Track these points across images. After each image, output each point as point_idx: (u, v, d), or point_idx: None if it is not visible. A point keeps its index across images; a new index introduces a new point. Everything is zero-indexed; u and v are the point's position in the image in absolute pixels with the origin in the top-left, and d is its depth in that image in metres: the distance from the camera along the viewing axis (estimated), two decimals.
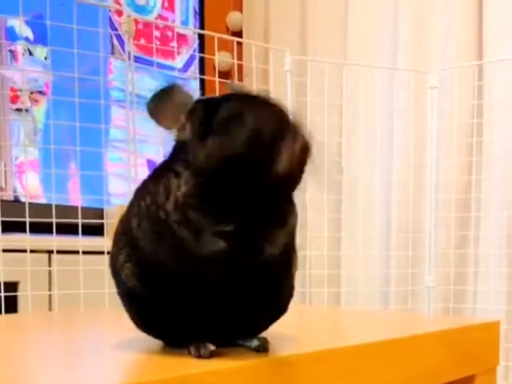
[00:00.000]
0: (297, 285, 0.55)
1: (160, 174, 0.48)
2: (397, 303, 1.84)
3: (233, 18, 2.33)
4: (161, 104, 0.48)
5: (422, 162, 1.78)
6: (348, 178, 1.85)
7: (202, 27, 2.27)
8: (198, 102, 0.48)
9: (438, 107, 1.70)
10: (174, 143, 0.49)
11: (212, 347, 0.48)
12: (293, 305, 0.55)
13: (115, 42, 1.95)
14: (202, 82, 2.13)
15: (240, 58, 1.91)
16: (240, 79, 1.91)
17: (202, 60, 2.18)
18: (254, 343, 0.51)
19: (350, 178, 1.83)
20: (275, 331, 0.56)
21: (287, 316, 0.55)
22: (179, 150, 0.48)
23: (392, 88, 1.92)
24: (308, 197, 1.70)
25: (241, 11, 2.33)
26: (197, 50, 2.24)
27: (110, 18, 1.94)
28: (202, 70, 2.19)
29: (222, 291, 0.48)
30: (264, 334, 0.54)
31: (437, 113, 1.69)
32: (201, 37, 2.22)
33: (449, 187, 1.76)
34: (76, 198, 1.45)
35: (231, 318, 0.50)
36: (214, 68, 1.77)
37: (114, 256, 0.52)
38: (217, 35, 1.51)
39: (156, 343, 0.54)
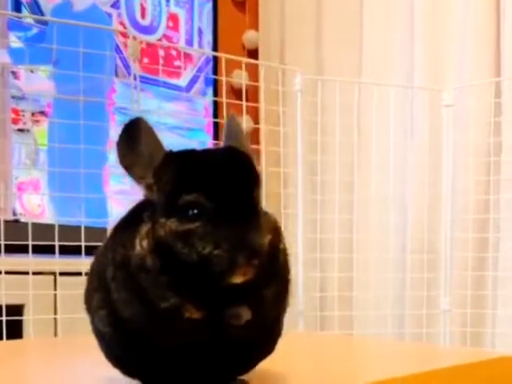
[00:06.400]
0: (308, 308, 0.53)
1: (133, 220, 0.47)
2: (411, 327, 1.79)
3: (249, 36, 2.33)
4: (127, 153, 0.47)
5: (437, 181, 1.74)
6: (361, 198, 1.82)
7: (215, 44, 2.26)
8: (166, 160, 0.46)
9: (455, 125, 1.66)
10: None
11: None
12: (303, 331, 0.52)
13: (118, 61, 1.96)
14: (216, 100, 2.13)
15: (255, 76, 1.90)
16: (253, 99, 1.89)
17: (215, 78, 2.18)
18: None
19: (363, 198, 1.80)
20: (270, 369, 0.53)
21: (290, 349, 0.52)
22: (149, 201, 0.47)
23: (407, 106, 1.89)
24: (319, 217, 1.67)
25: (257, 30, 2.33)
26: (211, 68, 2.24)
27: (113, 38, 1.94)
28: (215, 89, 2.18)
29: (201, 346, 0.46)
30: (254, 374, 0.51)
31: (453, 131, 1.66)
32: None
33: (465, 207, 1.72)
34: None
35: (211, 363, 0.47)
36: (229, 87, 1.76)
37: (87, 293, 0.51)
38: (225, 56, 1.50)
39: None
